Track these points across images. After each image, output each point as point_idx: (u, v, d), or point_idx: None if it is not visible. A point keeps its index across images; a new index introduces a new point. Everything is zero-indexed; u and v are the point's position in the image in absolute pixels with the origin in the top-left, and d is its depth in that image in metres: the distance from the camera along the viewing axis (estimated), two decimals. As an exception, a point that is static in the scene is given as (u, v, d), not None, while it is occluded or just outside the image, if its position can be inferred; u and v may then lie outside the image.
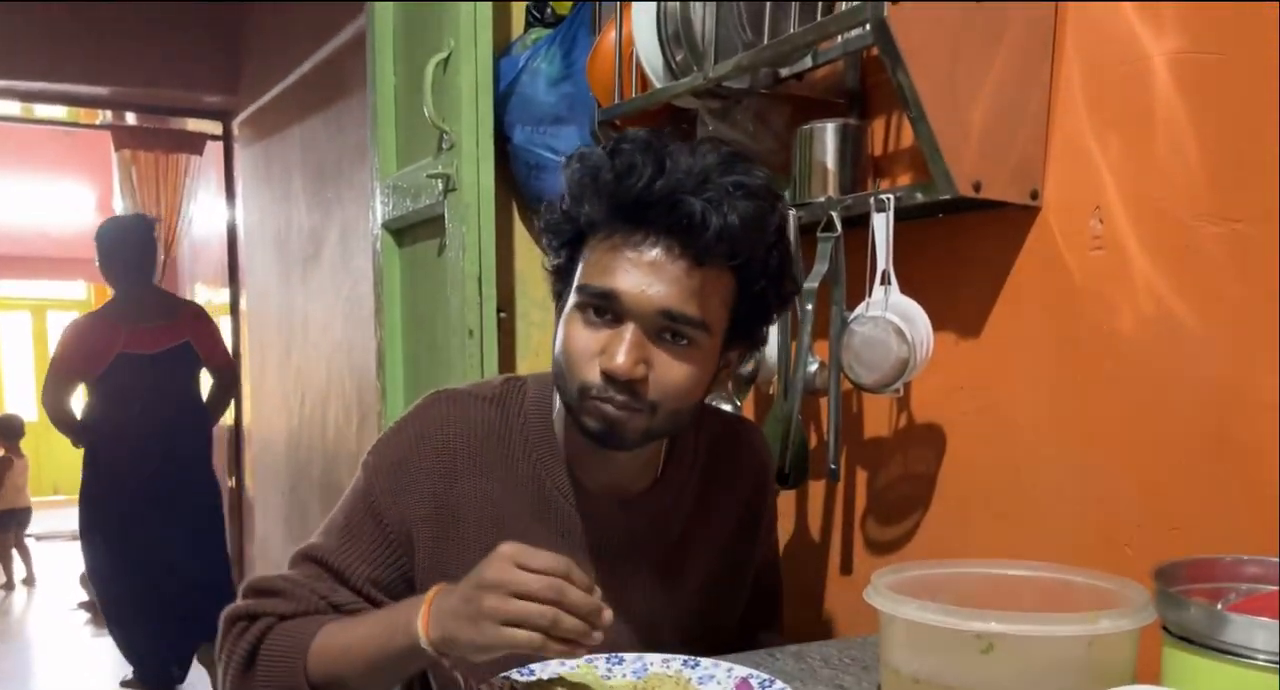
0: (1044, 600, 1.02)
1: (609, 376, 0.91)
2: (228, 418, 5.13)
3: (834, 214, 1.28)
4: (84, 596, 5.69)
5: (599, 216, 0.92)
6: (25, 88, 4.27)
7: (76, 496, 3.67)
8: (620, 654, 0.98)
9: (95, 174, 7.96)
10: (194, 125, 4.86)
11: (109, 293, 3.58)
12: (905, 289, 1.22)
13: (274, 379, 4.24)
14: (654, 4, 1.39)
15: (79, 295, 9.62)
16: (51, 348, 3.30)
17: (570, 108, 1.69)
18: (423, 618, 0.85)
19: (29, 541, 6.51)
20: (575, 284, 0.94)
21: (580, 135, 1.70)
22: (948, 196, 1.14)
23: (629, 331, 0.91)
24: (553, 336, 0.99)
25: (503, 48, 1.76)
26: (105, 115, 5.07)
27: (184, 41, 4.22)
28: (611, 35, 1.53)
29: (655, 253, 0.90)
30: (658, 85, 1.46)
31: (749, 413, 1.54)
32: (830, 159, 1.33)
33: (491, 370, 1.71)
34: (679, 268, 0.90)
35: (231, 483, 5.17)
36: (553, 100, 1.69)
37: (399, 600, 0.97)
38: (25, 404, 8.90)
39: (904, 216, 1.23)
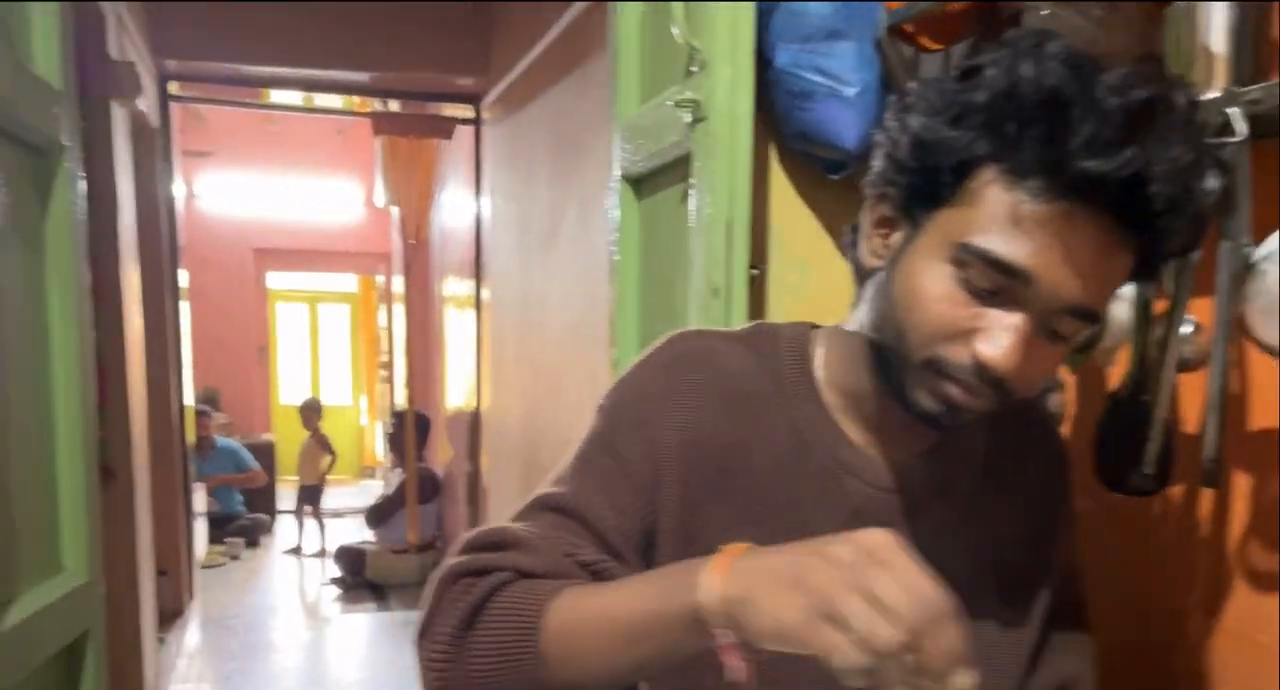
0: None
1: (981, 367, 0.73)
2: (469, 403, 5.21)
3: (1234, 112, 0.91)
4: (336, 572, 5.97)
5: (1031, 166, 0.69)
6: (300, 75, 4.45)
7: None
8: None
9: (363, 171, 8.41)
10: (448, 110, 4.93)
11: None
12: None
13: (511, 364, 4.20)
14: None
15: (350, 287, 10.25)
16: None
17: (849, 18, 1.40)
18: (716, 567, 0.63)
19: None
20: (961, 234, 0.72)
21: (859, 52, 1.40)
22: None
23: (1020, 321, 0.72)
24: (861, 259, 0.81)
25: (766, -49, 1.48)
26: (375, 105, 5.25)
27: (439, 24, 4.25)
28: (907, -86, 1.23)
29: (1095, 238, 0.70)
30: (967, -31, 1.15)
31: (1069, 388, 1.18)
32: (1220, 40, 0.97)
33: (740, 336, 1.43)
34: (1109, 260, 0.71)
35: (469, 468, 5.22)
36: (827, 11, 1.40)
37: (643, 563, 0.82)
38: (302, 391, 9.57)
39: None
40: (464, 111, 4.80)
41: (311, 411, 7.25)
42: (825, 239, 1.66)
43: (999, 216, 0.70)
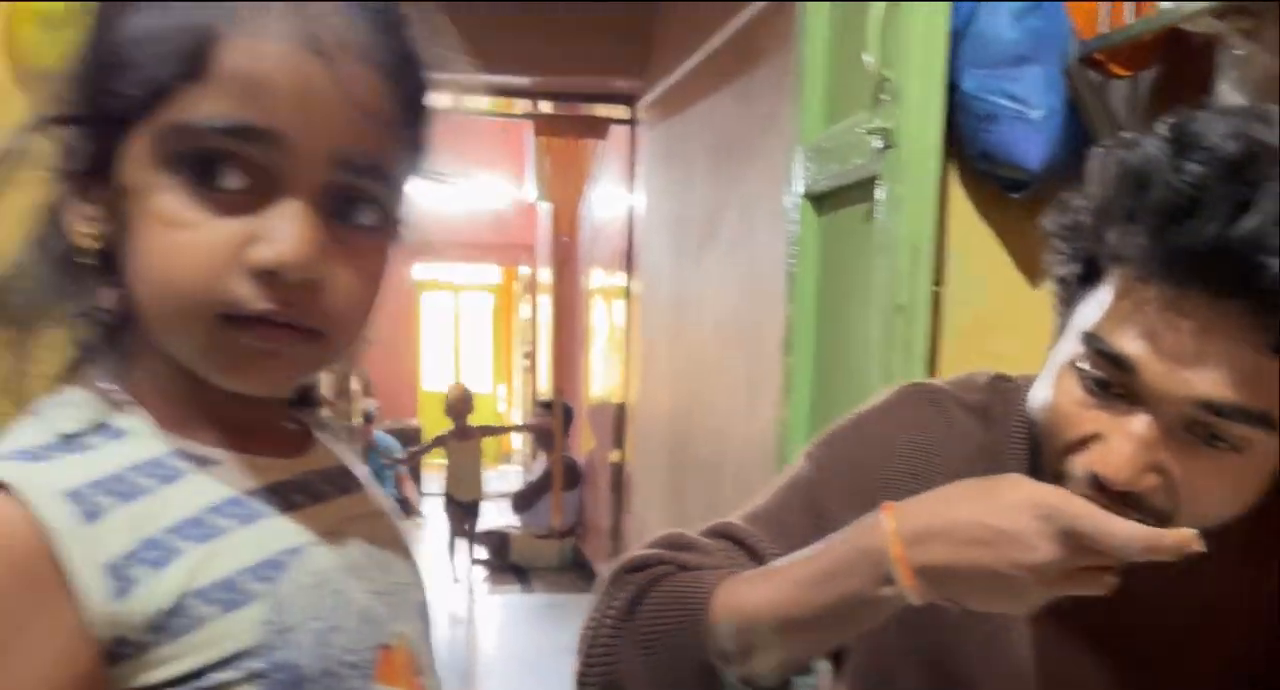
0: None
1: (1096, 480, 0.64)
2: (615, 395, 5.34)
3: None
4: (482, 554, 6.19)
5: (1132, 251, 0.64)
6: (461, 80, 4.63)
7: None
8: None
9: (511, 166, 8.66)
10: (601, 110, 5.06)
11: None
12: None
13: (662, 357, 4.31)
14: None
15: (493, 279, 10.55)
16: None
17: (1036, 45, 1.43)
18: (895, 546, 0.62)
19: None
20: (1082, 326, 0.67)
21: (1046, 76, 1.44)
22: None
23: (1140, 424, 0.64)
24: (1045, 368, 0.73)
25: (956, -19, 1.53)
26: (522, 105, 5.42)
27: (598, 28, 4.37)
28: (1103, -51, 1.27)
29: (1207, 320, 0.61)
30: (1167, 5, 1.18)
31: None
32: None
33: (919, 352, 1.50)
34: (1240, 347, 0.60)
35: (615, 456, 5.36)
36: (1015, 36, 1.44)
37: None
38: (445, 378, 9.89)
39: None
40: (619, 112, 4.94)
41: (460, 403, 5.94)
42: (1003, 254, 1.69)
43: (1114, 303, 0.65)
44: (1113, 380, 0.65)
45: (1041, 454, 0.70)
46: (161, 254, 0.50)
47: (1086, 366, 0.66)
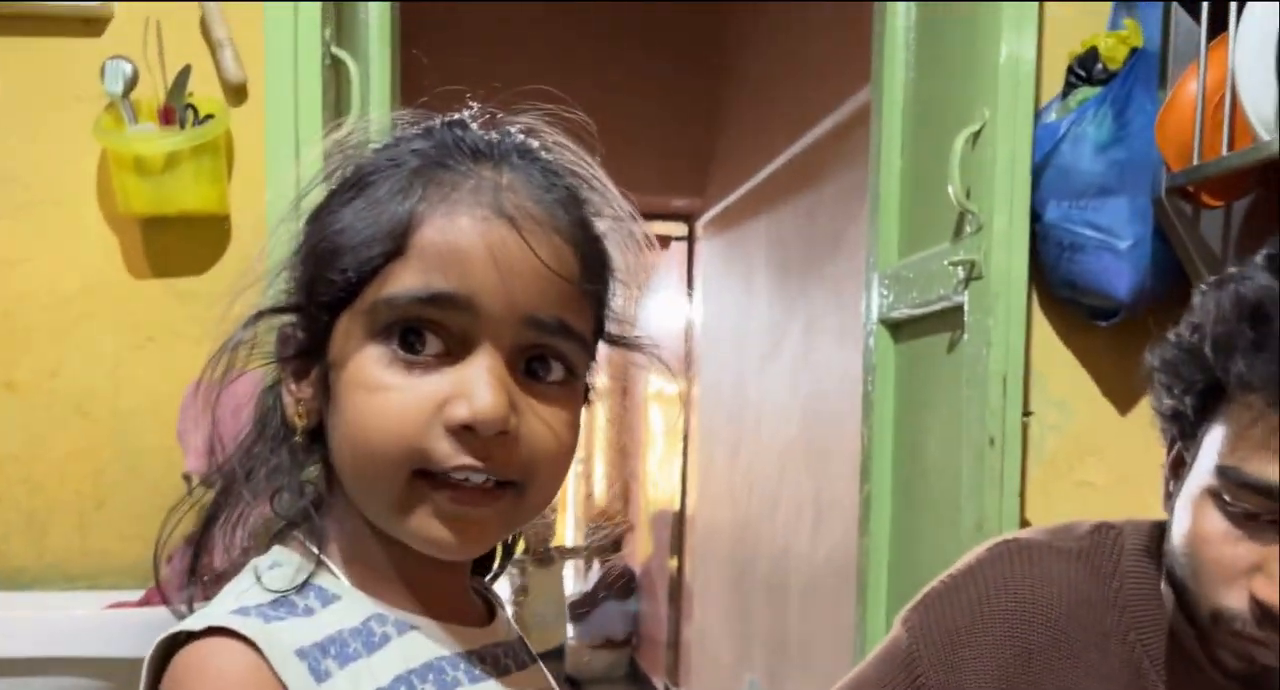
0: None
1: (1265, 612, 0.65)
2: (673, 502, 5.26)
3: None
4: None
5: (1261, 379, 0.66)
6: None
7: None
8: None
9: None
10: (659, 228, 5.14)
11: None
12: None
13: (722, 469, 4.26)
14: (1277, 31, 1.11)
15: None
16: None
17: (1120, 176, 1.42)
18: None
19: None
20: (1216, 461, 0.69)
21: (1132, 206, 1.43)
22: None
23: None
24: (1168, 511, 0.75)
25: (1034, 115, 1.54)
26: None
27: (658, 151, 4.47)
28: (1192, 84, 1.27)
29: None
30: (1266, 137, 1.17)
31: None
32: None
33: (1013, 484, 1.45)
34: None
35: (673, 564, 5.25)
36: (1099, 169, 1.43)
37: None
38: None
39: None
40: (677, 229, 5.01)
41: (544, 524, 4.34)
42: (1088, 381, 1.65)
43: (1248, 436, 0.67)
44: (1260, 510, 0.66)
45: (1189, 593, 0.70)
46: (364, 416, 0.51)
47: (1228, 499, 0.67)
